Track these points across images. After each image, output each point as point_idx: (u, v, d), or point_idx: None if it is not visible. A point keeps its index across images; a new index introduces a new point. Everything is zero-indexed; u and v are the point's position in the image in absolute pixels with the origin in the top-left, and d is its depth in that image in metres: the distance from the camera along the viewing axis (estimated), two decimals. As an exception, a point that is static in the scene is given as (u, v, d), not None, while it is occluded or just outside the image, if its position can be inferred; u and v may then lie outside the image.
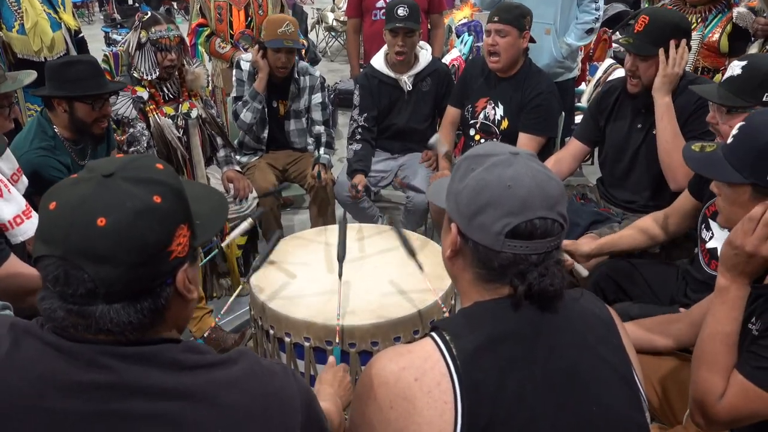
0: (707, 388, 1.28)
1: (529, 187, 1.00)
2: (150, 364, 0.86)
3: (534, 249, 1.00)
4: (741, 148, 1.32)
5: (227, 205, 1.13)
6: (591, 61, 4.88)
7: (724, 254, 1.30)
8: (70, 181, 0.88)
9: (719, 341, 1.29)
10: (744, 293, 1.29)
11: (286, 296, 1.93)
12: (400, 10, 3.02)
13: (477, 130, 3.02)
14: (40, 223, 0.87)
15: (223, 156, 3.11)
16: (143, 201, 0.85)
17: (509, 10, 2.81)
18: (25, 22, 3.29)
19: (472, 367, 0.98)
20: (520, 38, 2.81)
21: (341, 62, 8.40)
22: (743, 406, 1.25)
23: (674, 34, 2.22)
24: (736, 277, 1.28)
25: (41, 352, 0.85)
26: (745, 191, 1.31)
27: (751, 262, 1.26)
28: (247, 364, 0.93)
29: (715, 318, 1.31)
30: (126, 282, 0.84)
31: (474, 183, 1.03)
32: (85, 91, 2.31)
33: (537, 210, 0.99)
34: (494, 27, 2.80)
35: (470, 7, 5.46)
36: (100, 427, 0.83)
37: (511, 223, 0.99)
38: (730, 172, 1.32)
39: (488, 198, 1.01)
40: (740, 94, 1.77)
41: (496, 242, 1.01)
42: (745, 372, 1.25)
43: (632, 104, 2.43)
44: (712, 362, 1.29)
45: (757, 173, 1.28)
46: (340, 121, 5.63)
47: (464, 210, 1.04)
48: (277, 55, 3.11)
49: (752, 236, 1.24)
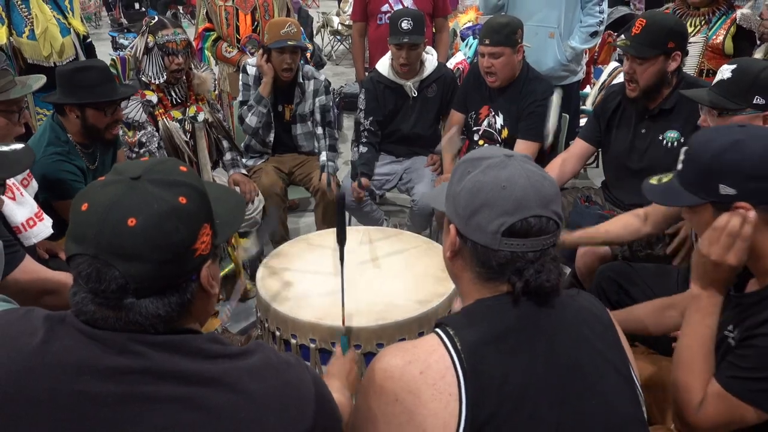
0: (687, 397, 1.30)
1: (523, 187, 1.04)
2: (178, 352, 0.91)
3: (530, 247, 1.03)
4: (689, 171, 1.35)
5: (244, 206, 1.18)
6: (596, 64, 4.90)
7: (694, 263, 1.33)
8: (99, 184, 0.94)
9: (696, 350, 1.32)
10: (716, 301, 1.32)
11: (291, 298, 1.95)
12: (404, 23, 3.01)
13: (480, 136, 3.04)
14: (73, 223, 0.91)
15: (229, 159, 3.14)
16: (170, 202, 0.90)
17: (499, 31, 2.78)
18: (35, 27, 3.32)
19: (475, 359, 1.01)
20: (514, 54, 2.81)
21: (346, 66, 8.43)
22: (722, 414, 1.27)
23: (671, 37, 2.25)
24: (707, 286, 1.31)
25: (76, 340, 0.90)
26: (706, 210, 1.32)
27: (718, 270, 1.29)
28: (264, 355, 0.97)
29: (690, 326, 1.34)
30: (154, 278, 0.89)
31: (470, 185, 1.07)
32: (96, 97, 2.33)
33: (532, 209, 1.03)
34: (487, 50, 2.80)
35: (475, 10, 5.48)
36: (132, 409, 0.87)
37: (507, 222, 1.02)
38: (688, 196, 1.34)
39: (484, 199, 1.04)
40: (730, 97, 1.79)
41: (494, 241, 1.04)
42: (722, 381, 1.27)
43: (636, 108, 2.45)
44: (689, 369, 1.31)
45: (708, 191, 1.30)
46: (345, 125, 5.65)
47: (461, 211, 1.07)
48: (281, 56, 3.12)
49: (717, 245, 1.27)
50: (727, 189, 1.27)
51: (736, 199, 1.26)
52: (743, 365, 1.26)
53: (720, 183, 1.27)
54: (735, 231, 1.25)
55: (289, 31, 3.08)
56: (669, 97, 2.37)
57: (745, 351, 1.27)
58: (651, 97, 2.37)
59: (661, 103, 2.38)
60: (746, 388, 1.24)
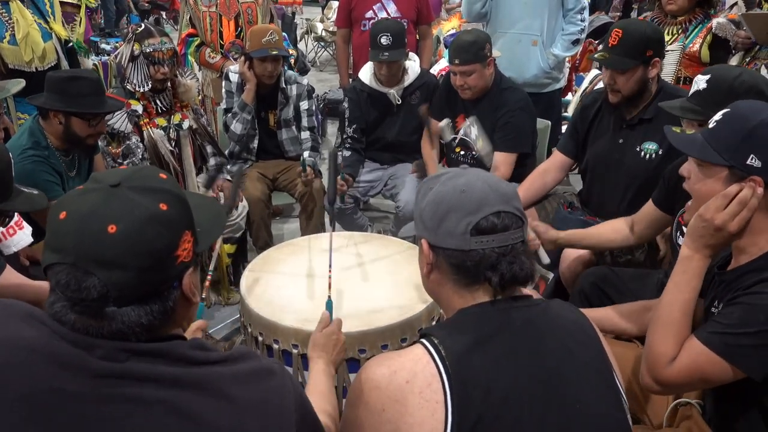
0: (660, 351, 1.34)
1: (481, 189, 1.11)
2: (161, 359, 0.90)
3: (499, 242, 1.08)
4: (725, 131, 1.37)
5: (224, 214, 1.18)
6: (577, 71, 4.95)
7: (692, 226, 1.37)
8: (77, 192, 0.92)
9: (677, 308, 1.36)
10: (704, 264, 1.37)
11: (275, 303, 1.95)
12: (383, 39, 3.01)
13: (457, 144, 3.05)
14: (50, 232, 0.90)
15: (213, 165, 3.13)
16: (150, 209, 0.89)
17: (467, 49, 2.77)
18: (16, 32, 3.30)
19: (460, 366, 1.03)
20: (484, 69, 2.82)
21: (330, 72, 8.44)
22: (694, 369, 1.30)
23: (648, 45, 2.26)
24: (701, 248, 1.36)
25: (56, 339, 0.88)
26: (721, 174, 1.36)
27: (716, 235, 1.33)
28: (249, 361, 0.97)
29: (676, 285, 1.38)
30: (136, 286, 0.88)
31: (432, 197, 1.14)
32: (85, 107, 2.32)
33: (493, 205, 1.09)
34: (458, 69, 2.81)
35: (458, 17, 5.52)
36: (112, 409, 0.86)
37: (473, 221, 1.08)
38: (711, 153, 1.37)
39: (447, 205, 1.11)
40: (707, 107, 1.80)
41: (464, 242, 1.09)
42: (701, 337, 1.30)
43: (614, 117, 2.46)
44: (668, 327, 1.35)
45: (738, 156, 1.33)
46: (329, 131, 5.66)
47: (429, 224, 1.13)
48: (263, 64, 3.13)
49: (723, 212, 1.31)
50: (755, 160, 1.30)
51: (757, 172, 1.30)
52: (725, 321, 1.29)
53: (751, 153, 1.31)
54: (745, 200, 1.29)
55: (270, 40, 3.08)
56: (648, 107, 2.36)
57: (729, 309, 1.31)
58: (633, 103, 2.37)
59: (641, 112, 2.38)
60: (724, 341, 1.27)
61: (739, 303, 1.30)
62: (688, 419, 1.55)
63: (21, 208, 1.86)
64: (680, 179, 1.99)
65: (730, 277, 1.38)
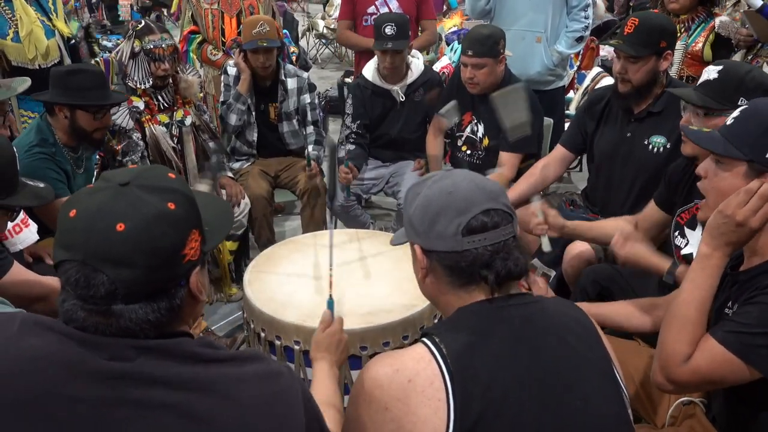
0: (675, 349, 1.31)
1: (468, 188, 1.11)
2: (169, 356, 0.91)
3: (492, 240, 1.09)
4: (744, 126, 1.37)
5: (232, 213, 1.19)
6: (579, 69, 4.94)
7: (711, 223, 1.34)
8: (87, 191, 0.94)
9: (694, 306, 1.33)
10: (723, 263, 1.34)
11: (277, 300, 1.96)
12: (388, 28, 3.02)
13: (463, 142, 3.05)
14: (61, 230, 0.91)
15: (215, 161, 3.13)
16: (158, 207, 0.90)
17: (482, 42, 2.76)
18: (19, 29, 3.29)
19: (461, 364, 1.03)
20: (497, 64, 2.81)
21: (332, 69, 8.43)
22: (709, 369, 1.28)
23: (663, 36, 2.27)
24: (720, 246, 1.33)
25: (65, 344, 0.89)
26: (740, 169, 1.36)
27: (737, 232, 1.30)
28: (257, 363, 0.98)
29: (693, 283, 1.35)
30: (144, 283, 0.89)
31: (420, 202, 1.14)
32: (88, 100, 2.33)
33: (482, 204, 1.10)
34: (470, 61, 2.79)
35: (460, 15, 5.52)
36: (120, 413, 0.87)
37: (463, 221, 1.09)
38: (730, 148, 1.37)
39: (436, 208, 1.11)
40: (716, 97, 1.81)
41: (456, 243, 1.09)
42: (717, 336, 1.29)
43: (621, 113, 2.46)
44: (683, 325, 1.32)
45: (757, 150, 1.33)
46: (331, 128, 5.66)
47: (420, 228, 1.13)
48: (255, 56, 3.14)
49: (745, 207, 1.29)
50: None
51: None
52: (742, 321, 1.28)
53: None
54: (766, 195, 1.28)
55: (261, 31, 3.08)
56: (658, 100, 2.36)
57: (746, 308, 1.30)
58: (642, 96, 2.37)
59: (650, 105, 2.38)
60: (740, 341, 1.26)
61: (757, 303, 1.28)
62: (691, 418, 1.55)
63: (27, 203, 1.86)
64: (680, 179, 2.00)
65: (744, 278, 1.37)
